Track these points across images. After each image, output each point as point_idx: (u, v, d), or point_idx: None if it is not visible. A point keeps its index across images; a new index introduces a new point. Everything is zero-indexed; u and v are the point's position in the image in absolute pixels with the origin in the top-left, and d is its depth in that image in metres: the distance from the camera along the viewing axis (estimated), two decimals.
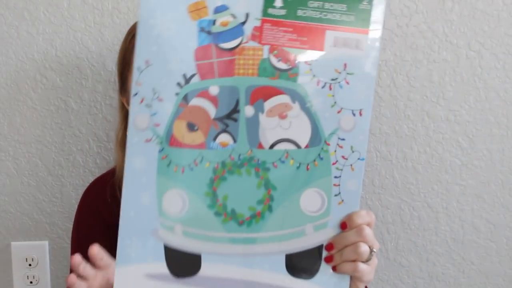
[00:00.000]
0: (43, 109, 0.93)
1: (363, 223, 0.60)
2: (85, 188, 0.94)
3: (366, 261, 0.60)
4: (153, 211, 0.59)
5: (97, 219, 0.81)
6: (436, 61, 0.92)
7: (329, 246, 0.61)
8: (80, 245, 0.81)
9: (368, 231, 0.60)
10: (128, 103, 0.82)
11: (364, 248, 0.59)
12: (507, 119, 0.93)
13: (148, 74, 0.57)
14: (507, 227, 0.96)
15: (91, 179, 0.94)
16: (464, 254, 0.97)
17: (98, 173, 0.94)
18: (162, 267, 0.59)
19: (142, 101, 0.58)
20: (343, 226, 0.61)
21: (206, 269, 0.60)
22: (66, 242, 0.96)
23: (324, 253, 0.61)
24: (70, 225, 0.96)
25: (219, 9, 0.58)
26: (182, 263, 0.60)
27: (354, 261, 0.60)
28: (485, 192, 0.95)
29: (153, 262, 0.59)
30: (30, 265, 0.95)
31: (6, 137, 0.93)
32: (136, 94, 0.58)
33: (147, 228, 0.59)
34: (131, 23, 0.90)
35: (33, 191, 0.95)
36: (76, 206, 0.95)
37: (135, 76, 0.57)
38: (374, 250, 0.61)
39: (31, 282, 0.96)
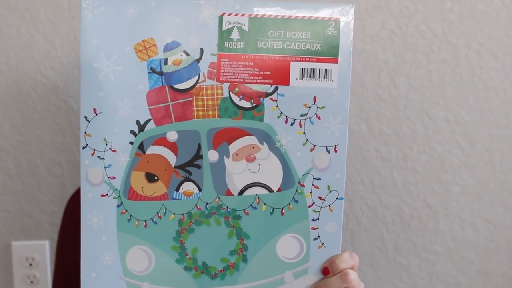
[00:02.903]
0: (43, 109, 0.93)
1: (346, 267, 0.57)
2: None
3: None
4: (117, 271, 0.55)
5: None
6: (436, 61, 0.92)
7: None
8: (66, 262, 0.78)
9: (353, 276, 0.56)
10: None
11: None
12: (507, 119, 0.93)
13: (97, 123, 0.53)
14: (507, 227, 0.97)
15: None
16: (463, 254, 0.98)
17: None
18: None
19: (93, 153, 0.53)
20: (325, 271, 0.57)
21: None
22: None
23: None
24: None
25: (170, 47, 0.53)
26: None
27: None
28: (485, 192, 0.96)
29: None
30: (30, 264, 0.96)
31: (7, 137, 0.93)
32: (85, 146, 0.53)
33: None
34: None
35: (33, 191, 0.95)
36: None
37: (83, 126, 0.53)
38: None
39: (31, 282, 0.96)
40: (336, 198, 0.57)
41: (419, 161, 0.95)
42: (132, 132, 0.54)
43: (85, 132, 0.53)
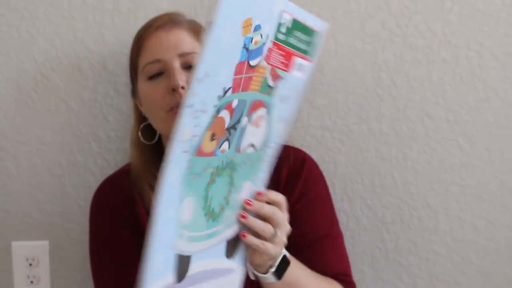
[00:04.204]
0: (43, 109, 0.93)
1: (274, 198, 0.68)
2: (86, 188, 0.95)
3: (271, 239, 0.67)
4: (175, 223, 0.59)
5: (118, 218, 0.81)
6: (436, 61, 0.92)
7: (247, 202, 0.67)
8: (106, 250, 0.82)
9: (280, 213, 0.67)
10: (140, 105, 0.83)
11: (268, 229, 0.66)
12: (507, 119, 0.94)
13: (204, 86, 0.55)
14: (507, 227, 0.97)
15: (92, 179, 0.95)
16: (463, 253, 0.98)
17: (98, 173, 0.94)
18: (170, 277, 0.59)
19: (193, 113, 0.56)
20: (258, 194, 0.69)
21: (191, 268, 0.62)
22: (67, 242, 0.97)
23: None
24: (70, 225, 0.96)
25: (257, 28, 0.59)
26: (183, 267, 0.61)
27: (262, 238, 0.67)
28: (485, 192, 0.96)
29: (168, 274, 0.59)
30: (30, 264, 0.96)
31: (7, 137, 0.94)
32: (190, 105, 0.55)
33: (170, 241, 0.58)
34: (132, 24, 0.91)
35: (33, 191, 0.95)
36: (76, 206, 0.96)
37: (193, 86, 0.54)
38: (281, 232, 0.67)
39: (31, 282, 0.96)
40: (271, 156, 0.71)
41: (419, 161, 0.95)
42: (219, 96, 0.58)
43: (192, 92, 0.55)
